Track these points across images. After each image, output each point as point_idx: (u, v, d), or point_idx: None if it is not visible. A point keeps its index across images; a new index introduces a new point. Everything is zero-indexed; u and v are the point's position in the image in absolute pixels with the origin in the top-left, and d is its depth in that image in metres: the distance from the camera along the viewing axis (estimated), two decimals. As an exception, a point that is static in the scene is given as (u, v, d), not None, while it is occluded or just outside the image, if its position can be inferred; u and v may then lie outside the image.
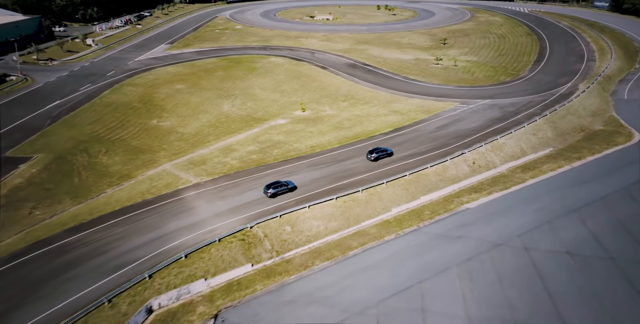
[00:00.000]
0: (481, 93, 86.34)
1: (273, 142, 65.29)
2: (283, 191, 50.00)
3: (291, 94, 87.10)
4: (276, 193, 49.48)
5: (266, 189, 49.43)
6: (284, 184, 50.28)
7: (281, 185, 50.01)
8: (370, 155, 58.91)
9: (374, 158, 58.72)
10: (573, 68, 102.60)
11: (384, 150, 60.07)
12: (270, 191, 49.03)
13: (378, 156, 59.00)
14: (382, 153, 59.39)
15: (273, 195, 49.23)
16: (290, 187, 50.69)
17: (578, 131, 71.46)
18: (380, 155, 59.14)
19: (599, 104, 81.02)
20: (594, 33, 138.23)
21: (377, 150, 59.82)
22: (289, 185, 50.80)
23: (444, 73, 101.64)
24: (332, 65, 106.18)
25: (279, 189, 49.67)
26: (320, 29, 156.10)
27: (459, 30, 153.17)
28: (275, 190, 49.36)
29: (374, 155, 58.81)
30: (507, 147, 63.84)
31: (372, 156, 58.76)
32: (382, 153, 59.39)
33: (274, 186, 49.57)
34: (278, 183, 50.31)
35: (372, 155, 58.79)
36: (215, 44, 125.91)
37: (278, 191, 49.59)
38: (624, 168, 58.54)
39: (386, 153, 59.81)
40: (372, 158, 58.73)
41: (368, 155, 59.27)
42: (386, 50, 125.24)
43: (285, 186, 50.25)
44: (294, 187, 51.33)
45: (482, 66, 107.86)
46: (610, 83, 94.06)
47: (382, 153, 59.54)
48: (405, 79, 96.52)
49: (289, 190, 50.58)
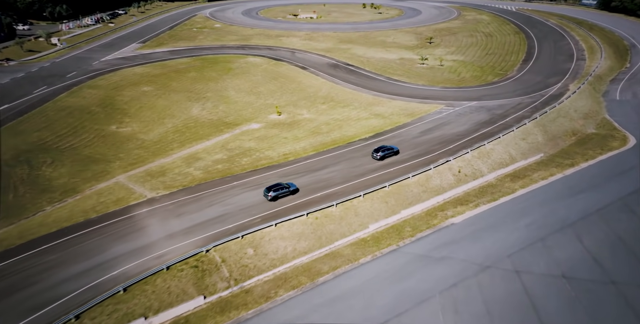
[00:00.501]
0: (468, 94, 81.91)
1: (243, 149, 59.93)
2: (284, 194, 47.23)
3: (267, 96, 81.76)
4: (277, 197, 46.66)
5: (266, 192, 46.53)
6: (285, 186, 47.45)
7: (282, 188, 47.20)
8: (376, 154, 56.25)
9: (380, 157, 56.01)
10: (563, 68, 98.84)
11: (390, 148, 57.27)
12: (270, 195, 46.17)
13: (384, 154, 56.37)
14: (388, 152, 56.80)
15: (274, 198, 46.44)
16: (292, 190, 47.82)
17: (570, 135, 67.30)
18: (386, 154, 56.57)
19: (590, 106, 77.09)
20: (582, 31, 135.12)
21: (382, 148, 57.03)
22: (291, 187, 47.98)
23: (430, 74, 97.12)
24: (312, 65, 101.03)
25: (279, 192, 46.81)
26: (303, 27, 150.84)
27: (446, 28, 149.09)
28: (276, 192, 46.50)
29: (379, 153, 56.15)
30: (495, 153, 59.33)
31: (378, 155, 56.08)
32: (388, 152, 56.80)
33: (274, 189, 46.73)
34: (279, 185, 47.41)
35: (378, 154, 56.12)
36: (191, 43, 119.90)
37: (279, 195, 46.77)
38: (620, 176, 54.34)
39: (392, 151, 57.24)
40: (377, 157, 56.01)
41: (373, 153, 56.66)
42: (370, 49, 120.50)
43: (287, 189, 47.37)
44: (296, 190, 48.57)
45: (469, 66, 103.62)
46: (602, 83, 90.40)
47: (389, 151, 56.90)
48: (388, 80, 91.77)
49: (291, 192, 47.74)
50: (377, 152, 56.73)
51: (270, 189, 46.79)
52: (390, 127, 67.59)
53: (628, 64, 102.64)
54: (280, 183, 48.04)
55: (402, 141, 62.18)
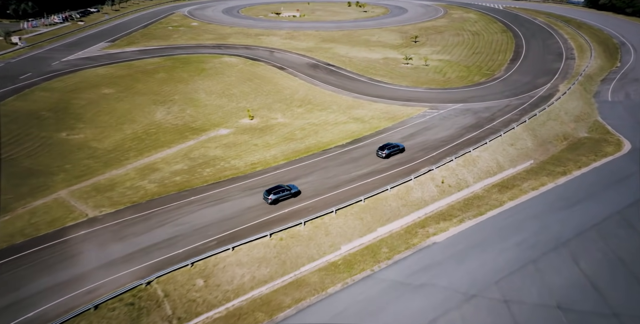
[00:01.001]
0: (453, 96, 77.31)
1: (207, 158, 54.43)
2: (285, 196, 44.88)
3: (240, 99, 76.24)
4: (277, 200, 44.43)
5: (266, 195, 44.29)
6: (286, 189, 45.16)
7: (283, 190, 44.86)
8: (382, 152, 54.19)
9: (386, 154, 53.97)
10: (552, 68, 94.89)
11: (395, 146, 55.28)
12: (271, 198, 43.91)
13: (390, 152, 54.27)
14: (394, 149, 54.80)
15: (274, 201, 44.21)
16: (293, 192, 45.47)
17: (561, 139, 62.97)
18: (392, 151, 54.54)
19: (582, 107, 72.99)
20: (571, 29, 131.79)
21: (388, 145, 55.03)
22: (292, 189, 45.65)
23: (414, 74, 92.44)
24: (291, 66, 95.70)
25: (280, 195, 44.48)
26: (284, 26, 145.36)
27: (432, 27, 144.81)
28: (276, 195, 44.23)
29: (385, 151, 54.08)
30: (481, 160, 54.65)
31: (384, 152, 54.02)
32: (394, 149, 54.80)
33: (275, 192, 44.39)
34: (280, 187, 45.12)
35: (384, 152, 54.05)
36: (165, 42, 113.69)
37: (280, 197, 44.49)
38: (617, 186, 50.01)
39: (398, 149, 55.24)
40: (383, 155, 54.01)
41: (379, 151, 54.55)
42: (353, 48, 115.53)
43: (288, 191, 45.04)
44: (298, 192, 46.21)
45: (455, 65, 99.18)
46: (592, 83, 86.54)
47: (394, 149, 54.87)
48: (370, 81, 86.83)
49: (292, 195, 45.45)
50: (382, 150, 54.31)
51: (270, 192, 44.28)
52: (369, 132, 62.61)
53: (619, 63, 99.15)
54: (280, 185, 45.50)
55: (381, 148, 57.27)
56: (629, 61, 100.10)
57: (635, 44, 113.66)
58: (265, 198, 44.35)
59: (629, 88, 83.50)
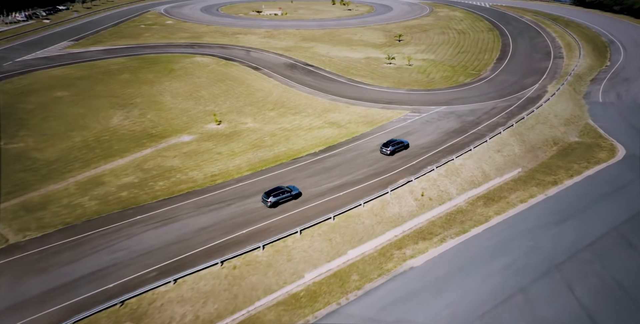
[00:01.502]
0: (437, 98, 72.61)
1: (163, 169, 48.85)
2: (286, 199, 42.31)
3: (209, 102, 70.64)
4: (277, 202, 41.80)
5: (265, 198, 41.64)
6: (286, 190, 42.60)
7: (283, 192, 42.27)
8: (385, 149, 51.67)
9: (391, 151, 51.56)
10: (539, 67, 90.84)
11: (400, 142, 52.96)
12: (270, 200, 41.27)
13: (394, 149, 51.93)
14: (398, 146, 52.46)
15: (274, 204, 41.55)
16: (294, 194, 42.90)
17: (551, 144, 58.56)
18: (397, 148, 52.21)
19: (572, 109, 68.77)
20: (559, 28, 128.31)
21: (392, 142, 52.56)
22: (293, 191, 43.07)
23: (396, 74, 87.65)
24: (267, 66, 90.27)
25: (280, 197, 41.86)
26: (264, 24, 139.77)
27: (417, 25, 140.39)
28: (276, 198, 41.61)
29: (389, 148, 51.56)
30: (465, 169, 49.90)
31: (388, 149, 51.48)
32: (398, 146, 52.46)
33: (274, 194, 41.79)
34: (279, 189, 42.58)
35: (388, 149, 51.50)
36: (134, 41, 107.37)
37: (280, 200, 41.89)
38: (612, 197, 45.60)
39: (402, 145, 53.01)
40: (387, 151, 51.49)
41: (383, 148, 52.07)
42: (334, 48, 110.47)
43: (288, 193, 42.49)
44: (299, 194, 43.62)
45: (440, 65, 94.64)
46: (582, 83, 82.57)
47: (399, 145, 52.55)
48: (350, 82, 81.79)
49: (293, 197, 42.87)
50: (386, 147, 51.77)
51: (269, 194, 41.70)
52: (345, 137, 57.53)
53: (608, 62, 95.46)
54: (280, 187, 43.05)
55: (357, 155, 52.21)
56: (619, 60, 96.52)
57: (624, 42, 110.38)
58: (264, 201, 41.55)
59: (620, 88, 79.63)
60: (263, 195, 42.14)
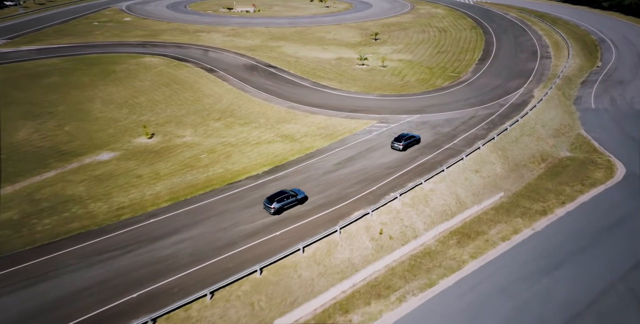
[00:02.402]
0: (409, 104, 63.71)
1: (59, 199, 39.09)
2: (291, 204, 38.10)
3: (146, 110, 60.80)
4: (282, 209, 37.48)
5: (268, 203, 37.36)
6: (291, 194, 38.33)
7: (288, 196, 37.95)
8: (398, 144, 47.81)
9: (403, 146, 47.61)
10: (525, 68, 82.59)
11: (412, 136, 49.17)
12: (274, 206, 36.95)
13: (407, 143, 48.15)
14: (411, 140, 48.71)
15: (278, 210, 37.22)
16: (299, 198, 38.69)
17: (538, 161, 50.04)
18: (409, 143, 48.47)
19: (561, 118, 60.43)
20: (545, 25, 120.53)
21: (404, 136, 48.66)
22: (298, 195, 38.88)
23: (368, 77, 78.63)
24: (223, 68, 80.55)
25: (285, 202, 37.51)
26: (232, 22, 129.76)
27: (396, 23, 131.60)
28: (280, 203, 37.25)
29: (402, 143, 47.74)
30: (436, 196, 41.00)
31: (400, 144, 47.62)
32: (411, 140, 48.71)
33: (278, 199, 37.36)
34: (283, 193, 38.11)
35: (400, 144, 47.66)
36: (79, 40, 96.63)
37: (284, 205, 37.58)
38: (614, 233, 37.06)
39: (414, 139, 49.33)
40: (400, 146, 47.51)
41: (394, 143, 48.07)
42: (304, 47, 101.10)
43: (294, 198, 38.26)
44: (304, 198, 39.27)
45: (417, 67, 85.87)
46: (572, 86, 74.45)
47: (411, 140, 48.76)
48: (314, 86, 72.51)
49: (298, 202, 38.68)
50: (398, 141, 47.91)
51: (272, 199, 37.27)
52: (298, 155, 48.30)
53: (599, 62, 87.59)
54: (284, 191, 38.48)
55: (307, 178, 43.02)
56: (611, 60, 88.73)
57: (615, 40, 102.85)
58: (267, 208, 37.14)
59: (614, 92, 71.62)
60: (265, 201, 37.43)
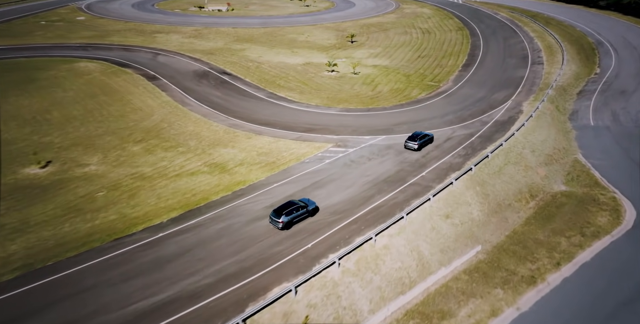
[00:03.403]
0: (376, 122, 53.54)
1: None
2: (301, 217, 32.29)
3: (54, 129, 50.19)
4: (291, 223, 31.75)
5: (275, 217, 31.45)
6: (301, 205, 32.49)
7: (298, 208, 32.11)
8: (413, 143, 44.79)
9: (418, 146, 44.77)
10: (514, 76, 72.69)
11: (425, 135, 46.09)
12: (282, 221, 31.10)
13: (422, 143, 45.26)
14: (425, 139, 45.70)
15: (287, 225, 31.42)
16: (310, 210, 33.08)
17: (526, 199, 39.99)
18: (423, 142, 45.48)
19: (555, 139, 50.47)
20: (538, 26, 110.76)
21: (418, 135, 45.57)
22: (309, 205, 33.24)
23: (335, 86, 68.39)
24: (169, 75, 69.98)
25: (294, 215, 31.67)
26: (198, 21, 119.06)
27: (377, 24, 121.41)
28: (289, 216, 31.43)
29: (417, 142, 44.74)
30: (390, 257, 30.81)
31: (416, 144, 44.63)
32: (425, 139, 45.70)
33: (287, 212, 31.46)
34: (292, 204, 32.34)
35: (415, 143, 44.67)
36: (15, 41, 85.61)
37: (294, 219, 31.76)
38: (628, 317, 27.03)
39: (428, 138, 46.33)
40: (415, 146, 44.71)
41: (408, 143, 45.12)
42: (271, 50, 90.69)
43: (304, 210, 32.53)
44: (316, 209, 33.96)
45: (393, 74, 75.73)
46: (567, 98, 64.61)
47: (425, 139, 45.77)
48: (269, 98, 62.15)
49: (309, 213, 33.02)
50: (412, 140, 44.91)
51: (280, 212, 31.74)
52: (223, 193, 38.02)
53: (598, 69, 77.83)
54: (292, 202, 33.44)
55: (225, 230, 32.73)
56: (610, 66, 78.94)
57: (614, 43, 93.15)
58: (274, 222, 32.13)
59: (616, 104, 61.78)
60: (272, 214, 32.40)
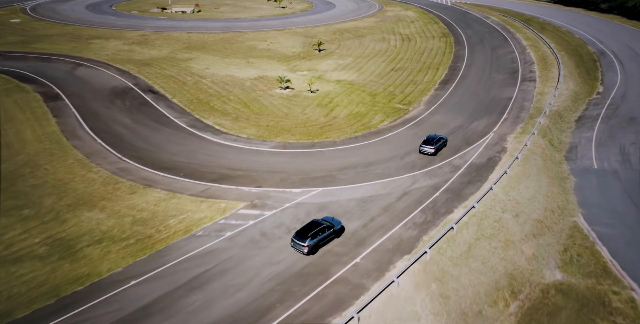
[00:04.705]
0: (317, 164, 40.82)
1: None
2: (328, 238, 27.75)
3: None
4: (317, 246, 27.25)
5: (299, 240, 26.78)
6: (327, 225, 27.69)
7: (323, 229, 27.36)
8: (429, 148, 40.57)
9: (435, 150, 40.63)
10: (499, 97, 60.11)
11: (441, 138, 42.33)
12: (307, 244, 26.50)
13: (439, 146, 41.29)
14: (440, 143, 41.88)
15: (313, 248, 26.96)
16: (336, 230, 28.34)
17: (503, 301, 27.25)
18: (440, 145, 41.70)
19: (546, 194, 37.73)
20: (531, 33, 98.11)
21: (434, 139, 41.68)
22: (335, 225, 28.37)
23: (282, 110, 55.75)
24: (78, 93, 57.31)
25: (320, 237, 27.10)
26: (151, 25, 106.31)
27: (353, 29, 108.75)
28: (315, 239, 26.83)
29: (433, 146, 40.63)
30: None
31: (432, 148, 40.49)
32: (440, 143, 41.88)
33: (312, 235, 26.69)
34: (317, 225, 27.42)
35: (432, 147, 40.49)
36: None
37: (320, 241, 27.22)
38: None
39: (443, 141, 42.57)
40: (432, 150, 40.50)
41: (424, 147, 40.79)
42: (222, 60, 78.12)
43: (330, 230, 27.79)
44: (341, 229, 29.10)
45: (357, 92, 63.11)
46: (563, 126, 51.99)
47: (441, 142, 41.96)
48: (192, 127, 49.44)
49: (335, 234, 28.31)
50: (428, 144, 40.92)
51: (305, 235, 26.50)
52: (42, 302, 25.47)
53: (600, 87, 65.19)
54: (316, 221, 27.80)
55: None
56: (615, 82, 66.13)
57: (619, 52, 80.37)
58: (298, 246, 26.57)
59: (624, 137, 48.82)
60: (295, 237, 26.73)
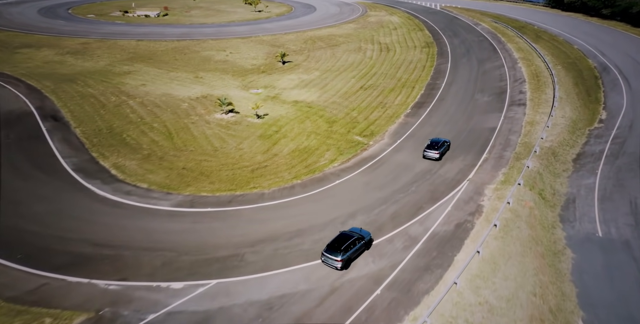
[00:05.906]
0: (221, 237, 29.92)
1: None
2: (359, 251, 26.33)
3: None
4: (350, 260, 25.66)
5: (331, 255, 25.03)
6: (357, 237, 26.25)
7: (354, 241, 25.84)
8: (433, 152, 39.47)
9: (440, 154, 39.55)
10: (481, 128, 49.39)
11: (445, 142, 41.18)
12: (341, 259, 24.85)
13: (442, 151, 40.15)
14: (445, 146, 40.80)
15: (347, 263, 25.38)
16: (367, 241, 27.01)
17: None
18: (445, 149, 40.72)
19: (532, 290, 26.87)
20: (525, 42, 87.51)
21: (437, 143, 40.37)
22: (365, 237, 27.00)
23: (214, 143, 44.95)
24: (-38, 125, 46.48)
25: (353, 251, 25.58)
26: (100, 31, 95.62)
27: (327, 37, 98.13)
28: (348, 253, 25.25)
29: (438, 151, 39.45)
30: None
31: (437, 153, 39.35)
32: (445, 146, 40.80)
33: (344, 248, 25.14)
34: (349, 237, 25.94)
35: (436, 152, 39.40)
36: None
37: (352, 255, 25.70)
38: None
39: (447, 145, 41.62)
40: (437, 155, 39.36)
41: (428, 152, 39.71)
42: (167, 75, 67.42)
43: (362, 243, 26.41)
44: (370, 241, 27.66)
45: (313, 117, 52.41)
46: (557, 169, 41.24)
47: (445, 146, 40.84)
48: (79, 171, 38.58)
49: (366, 246, 26.95)
50: (432, 149, 39.60)
51: (338, 249, 24.95)
52: None
53: (603, 112, 54.47)
54: (346, 233, 26.48)
55: None
56: (621, 106, 55.19)
57: (623, 67, 69.29)
58: (330, 261, 24.97)
59: (635, 185, 38.23)
60: (326, 251, 25.29)
